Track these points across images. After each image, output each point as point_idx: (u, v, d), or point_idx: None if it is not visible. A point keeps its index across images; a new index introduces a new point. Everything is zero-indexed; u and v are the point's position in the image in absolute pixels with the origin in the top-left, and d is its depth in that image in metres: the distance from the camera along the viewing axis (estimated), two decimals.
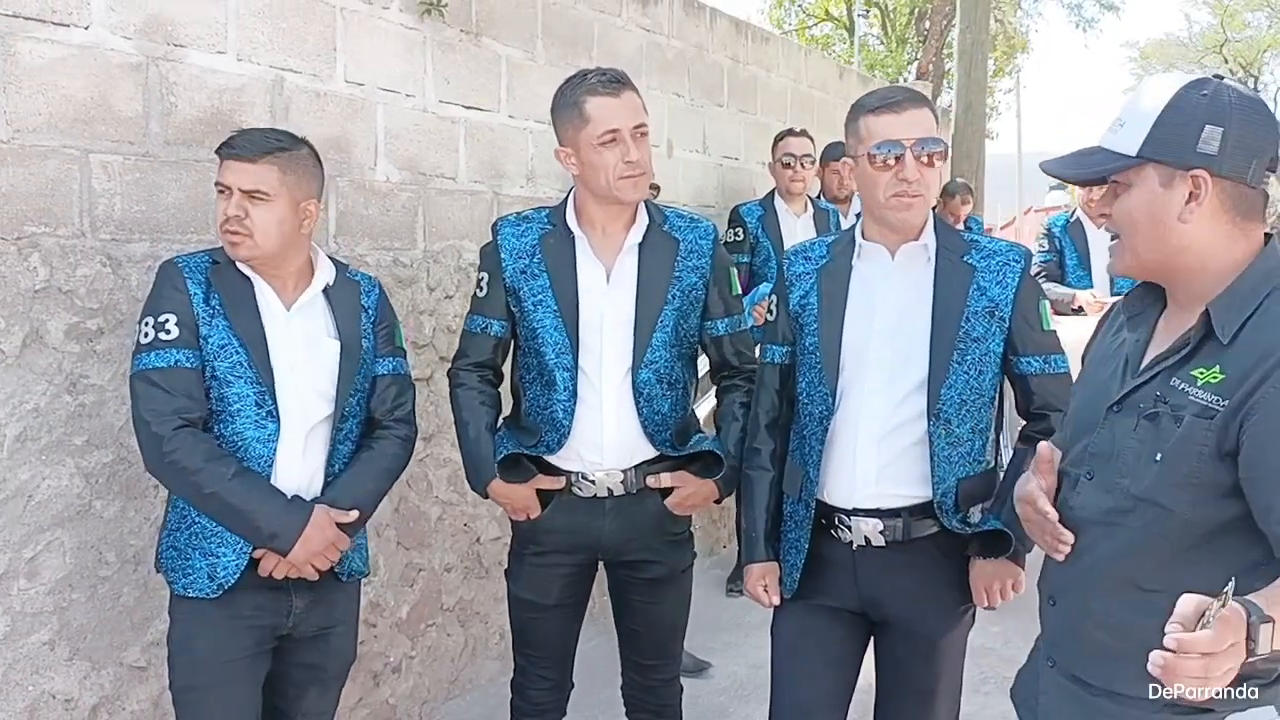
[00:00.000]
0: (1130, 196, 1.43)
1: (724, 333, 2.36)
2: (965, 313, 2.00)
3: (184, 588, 2.08)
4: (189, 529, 2.09)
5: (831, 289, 2.08)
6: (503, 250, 2.30)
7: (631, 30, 4.43)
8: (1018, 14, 23.89)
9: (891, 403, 1.99)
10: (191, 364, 2.04)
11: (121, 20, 2.43)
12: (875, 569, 2.03)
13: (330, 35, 2.99)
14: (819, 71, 6.29)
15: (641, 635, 2.43)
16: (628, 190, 2.19)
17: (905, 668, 2.06)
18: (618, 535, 2.31)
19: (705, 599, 4.20)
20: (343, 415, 2.17)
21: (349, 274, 2.28)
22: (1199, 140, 1.37)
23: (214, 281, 2.10)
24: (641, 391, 2.24)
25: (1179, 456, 1.37)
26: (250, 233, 2.06)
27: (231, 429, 2.08)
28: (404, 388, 2.30)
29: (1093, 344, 1.67)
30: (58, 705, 2.36)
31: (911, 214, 1.98)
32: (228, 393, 2.07)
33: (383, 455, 2.23)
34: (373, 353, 2.25)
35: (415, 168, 3.32)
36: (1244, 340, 1.36)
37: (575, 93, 2.20)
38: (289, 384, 2.11)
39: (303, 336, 2.15)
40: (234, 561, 2.07)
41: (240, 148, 2.08)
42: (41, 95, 2.29)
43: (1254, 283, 1.39)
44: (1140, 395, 1.45)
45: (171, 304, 2.05)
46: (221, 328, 2.07)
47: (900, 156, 1.94)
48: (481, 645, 3.65)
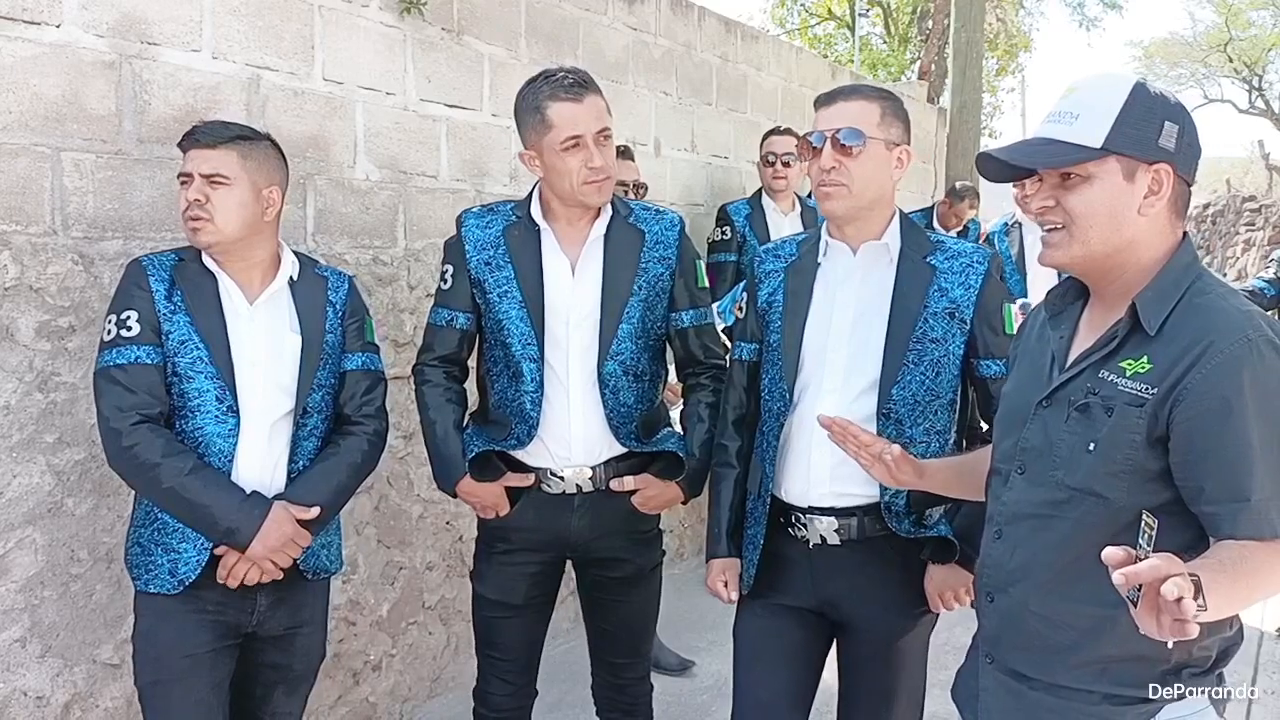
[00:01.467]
0: (1090, 188, 1.43)
1: (688, 324, 2.35)
2: (924, 313, 1.99)
3: (146, 583, 2.09)
4: (152, 525, 2.10)
5: (797, 287, 2.08)
6: (467, 242, 2.29)
7: (618, 29, 4.42)
8: (1020, 13, 23.82)
9: (845, 402, 1.99)
10: (152, 360, 2.05)
11: (94, 18, 2.44)
12: (832, 568, 2.03)
13: (308, 33, 2.99)
14: (811, 70, 6.28)
15: (611, 634, 2.42)
16: (591, 195, 2.19)
17: (864, 668, 2.06)
18: (586, 533, 2.30)
19: (689, 598, 4.20)
20: (305, 411, 2.16)
21: (317, 269, 2.28)
22: (1160, 136, 1.41)
23: (178, 278, 2.10)
24: (607, 384, 2.23)
25: (1112, 445, 1.41)
26: (210, 217, 2.07)
27: (192, 424, 2.08)
28: (374, 383, 2.29)
29: (1018, 344, 1.70)
30: (29, 703, 2.36)
31: (831, 204, 1.98)
32: (188, 388, 2.07)
33: (349, 451, 2.21)
34: (339, 348, 2.23)
35: (396, 166, 3.32)
36: (1169, 331, 1.40)
37: (537, 97, 2.18)
38: (250, 379, 2.10)
39: (265, 331, 2.14)
40: (195, 557, 2.07)
41: (201, 135, 2.11)
42: (12, 93, 2.29)
43: (1176, 276, 1.43)
44: (1070, 389, 1.48)
45: (134, 301, 2.06)
46: (183, 324, 2.08)
47: (820, 148, 1.95)
48: (463, 644, 3.64)
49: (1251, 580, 1.32)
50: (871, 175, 1.97)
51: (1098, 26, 29.39)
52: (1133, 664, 1.43)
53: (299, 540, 2.10)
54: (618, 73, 4.42)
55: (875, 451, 1.73)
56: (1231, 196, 19.67)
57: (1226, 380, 1.34)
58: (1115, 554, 1.16)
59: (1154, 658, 1.42)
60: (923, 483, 1.79)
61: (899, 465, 1.73)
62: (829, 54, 19.09)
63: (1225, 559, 1.31)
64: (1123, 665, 1.44)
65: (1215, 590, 1.19)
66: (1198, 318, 1.39)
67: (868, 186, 1.97)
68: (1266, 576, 1.34)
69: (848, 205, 1.98)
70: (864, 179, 1.96)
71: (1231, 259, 17.23)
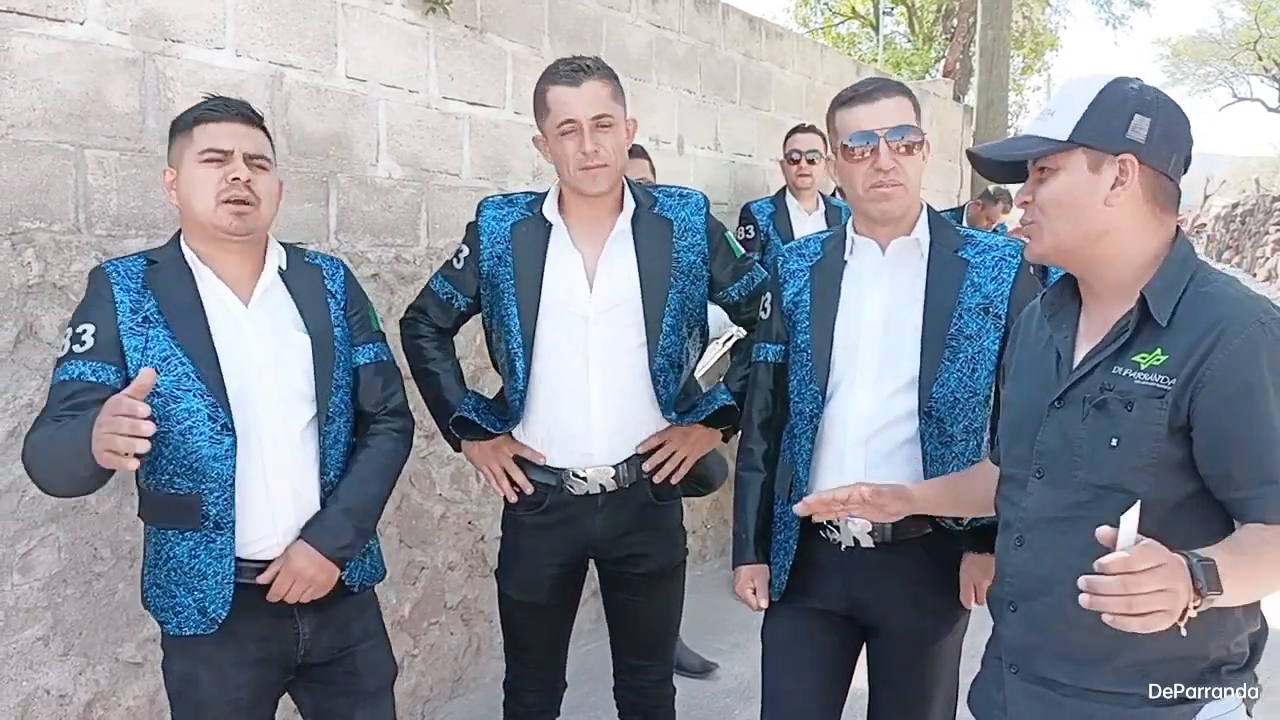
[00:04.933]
0: (1057, 179, 1.46)
1: (737, 298, 2.35)
2: (958, 309, 1.95)
3: (178, 627, 1.88)
4: (166, 565, 1.89)
5: (824, 286, 2.04)
6: (483, 232, 2.29)
7: (641, 26, 4.40)
8: (1046, 11, 23.64)
9: (879, 400, 1.95)
10: (100, 379, 1.78)
11: (117, 15, 2.44)
12: (864, 571, 1.99)
13: (331, 31, 2.98)
14: (835, 68, 6.23)
15: (633, 635, 2.40)
16: (586, 182, 2.15)
17: (897, 673, 2.02)
18: (609, 531, 2.28)
19: (712, 600, 4.18)
20: (328, 416, 1.96)
21: (308, 258, 2.05)
22: (1128, 128, 1.43)
23: (151, 285, 1.86)
24: (658, 379, 2.22)
25: (1136, 439, 1.41)
26: (258, 201, 1.85)
27: (185, 449, 1.83)
28: (390, 375, 2.09)
29: (1014, 349, 1.70)
30: (52, 701, 2.36)
31: (891, 204, 1.94)
32: (175, 409, 1.82)
33: (380, 453, 2.03)
34: (348, 342, 2.03)
35: (418, 164, 3.31)
36: (1179, 322, 1.41)
37: (542, 82, 2.20)
38: (259, 389, 1.88)
39: (267, 333, 1.91)
40: (219, 593, 1.86)
41: (237, 109, 1.89)
42: (36, 90, 2.29)
43: (1177, 268, 1.45)
44: (1083, 388, 1.48)
45: (92, 314, 1.83)
46: (161, 338, 1.83)
47: (875, 147, 1.91)
48: (485, 644, 3.63)
49: (1276, 565, 1.33)
50: (921, 171, 1.96)
51: (1125, 25, 29.09)
52: (1174, 664, 1.42)
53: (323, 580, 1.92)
54: (641, 70, 4.40)
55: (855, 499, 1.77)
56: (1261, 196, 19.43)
57: (1245, 364, 1.35)
58: (1107, 532, 1.20)
59: (1194, 656, 1.42)
60: (914, 507, 1.81)
61: (881, 501, 1.77)
62: (852, 53, 18.98)
63: (1246, 543, 1.33)
64: (1163, 666, 1.42)
65: (1233, 575, 1.22)
66: (1207, 305, 1.41)
67: (918, 183, 1.96)
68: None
69: (905, 205, 1.96)
70: (918, 176, 1.95)
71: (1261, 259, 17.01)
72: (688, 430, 2.30)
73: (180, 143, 1.89)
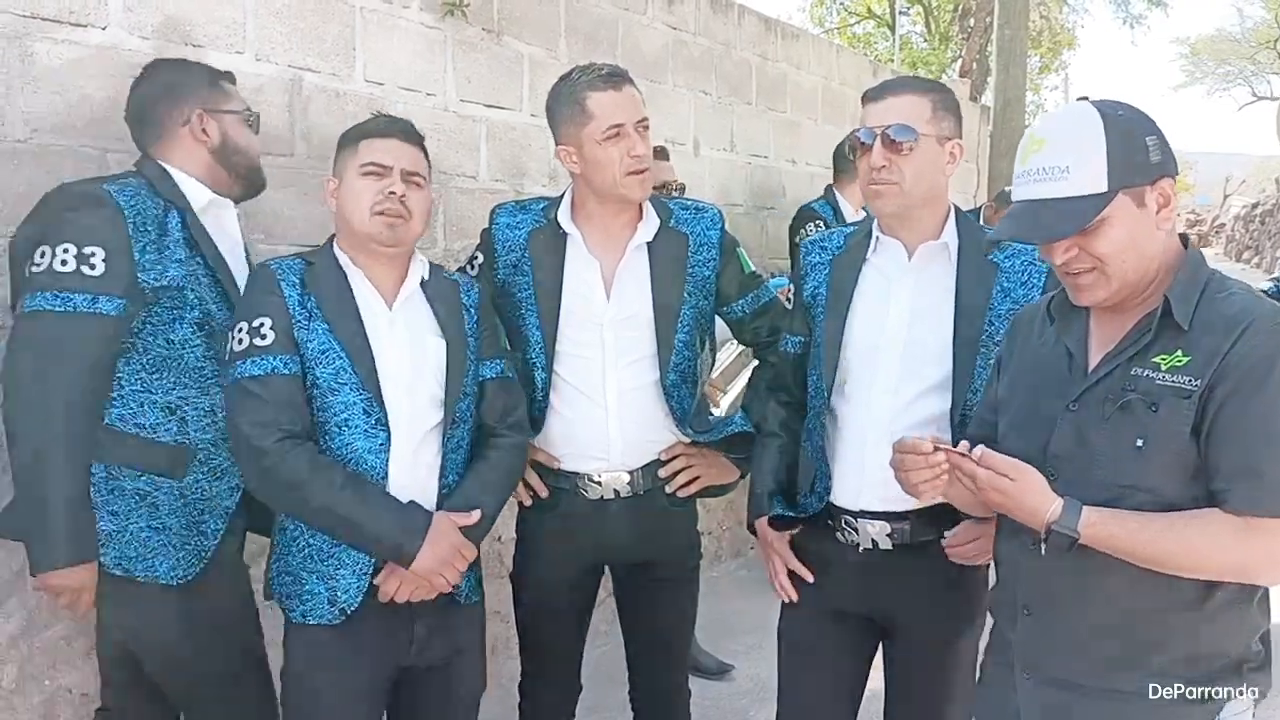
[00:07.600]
0: (1112, 229, 1.43)
1: (740, 315, 2.34)
2: (989, 315, 1.94)
3: (304, 615, 1.93)
4: (301, 552, 1.94)
5: (840, 282, 2.04)
6: (497, 241, 2.28)
7: (657, 28, 4.41)
8: (1064, 10, 23.51)
9: (900, 404, 1.95)
10: (290, 370, 1.89)
11: (139, 21, 2.46)
12: (882, 573, 1.99)
13: (349, 35, 3.00)
14: (852, 68, 6.22)
15: (648, 639, 2.40)
16: (634, 187, 2.15)
17: (914, 674, 2.02)
18: (623, 537, 2.28)
19: (729, 601, 4.18)
20: (453, 421, 2.01)
21: (445, 274, 2.14)
22: (1148, 153, 1.43)
23: (309, 283, 1.95)
24: (671, 395, 2.22)
25: (1163, 439, 1.41)
26: (411, 215, 1.96)
27: (341, 441, 1.91)
28: (513, 392, 2.14)
29: (1011, 348, 1.68)
30: (74, 700, 2.38)
31: (882, 202, 1.94)
32: (333, 401, 1.91)
33: (499, 464, 2.07)
34: (478, 354, 2.09)
35: (436, 166, 3.26)
36: (1199, 323, 1.43)
37: (575, 89, 2.16)
38: (397, 388, 1.95)
39: (406, 336, 1.99)
40: (355, 584, 1.91)
41: (401, 128, 2.02)
42: (59, 95, 2.32)
43: (1192, 273, 1.47)
44: (1101, 389, 1.47)
45: (267, 308, 1.91)
46: (320, 332, 1.92)
47: (869, 145, 1.91)
48: (500, 644, 3.64)
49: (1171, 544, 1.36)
50: (923, 172, 1.92)
51: (1142, 24, 28.98)
52: (1198, 663, 1.42)
53: (465, 552, 1.95)
54: (656, 72, 4.41)
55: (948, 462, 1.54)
56: None
57: (1261, 359, 1.37)
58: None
59: (1216, 655, 1.43)
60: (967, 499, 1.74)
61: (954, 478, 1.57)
62: (869, 53, 18.93)
63: (1168, 517, 1.36)
64: (1188, 665, 1.43)
65: (1113, 527, 1.36)
66: (1230, 305, 1.43)
67: (919, 184, 1.93)
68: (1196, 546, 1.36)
69: (899, 204, 1.94)
70: (915, 176, 1.92)
71: None
72: (713, 456, 2.29)
73: (345, 154, 2.02)
